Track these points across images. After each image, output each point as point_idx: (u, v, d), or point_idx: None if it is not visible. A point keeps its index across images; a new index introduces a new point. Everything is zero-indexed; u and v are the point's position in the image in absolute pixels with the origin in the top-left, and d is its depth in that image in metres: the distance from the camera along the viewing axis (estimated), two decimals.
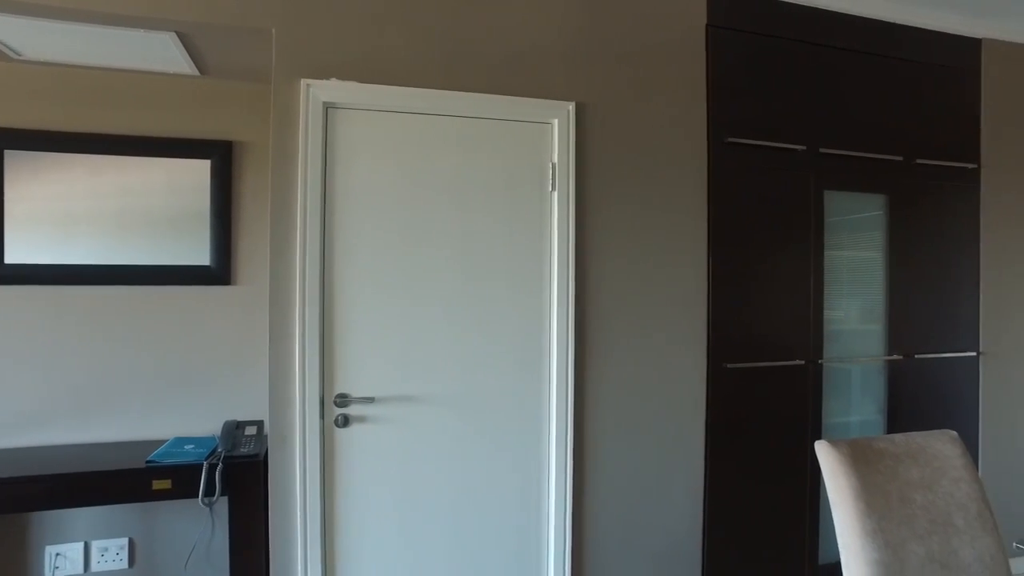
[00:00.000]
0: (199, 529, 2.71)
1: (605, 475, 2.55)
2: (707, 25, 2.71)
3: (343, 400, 2.24)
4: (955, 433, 1.79)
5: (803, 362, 2.87)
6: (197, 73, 2.63)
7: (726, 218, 2.74)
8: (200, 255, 2.70)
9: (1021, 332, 3.39)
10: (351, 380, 2.25)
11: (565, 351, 2.45)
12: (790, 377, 2.85)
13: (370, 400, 2.27)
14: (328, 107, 2.22)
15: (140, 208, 2.64)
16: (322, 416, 2.22)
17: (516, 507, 2.43)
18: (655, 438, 2.62)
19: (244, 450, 2.38)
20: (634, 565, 2.59)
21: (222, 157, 2.72)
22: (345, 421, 2.24)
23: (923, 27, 3.12)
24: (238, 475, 2.30)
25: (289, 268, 2.19)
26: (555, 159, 2.44)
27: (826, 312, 2.94)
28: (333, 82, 2.21)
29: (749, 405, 2.78)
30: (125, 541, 2.64)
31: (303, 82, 2.18)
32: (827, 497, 1.64)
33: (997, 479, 3.30)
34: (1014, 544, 3.32)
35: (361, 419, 2.26)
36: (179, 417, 2.71)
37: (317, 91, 2.18)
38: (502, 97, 2.38)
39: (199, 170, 2.70)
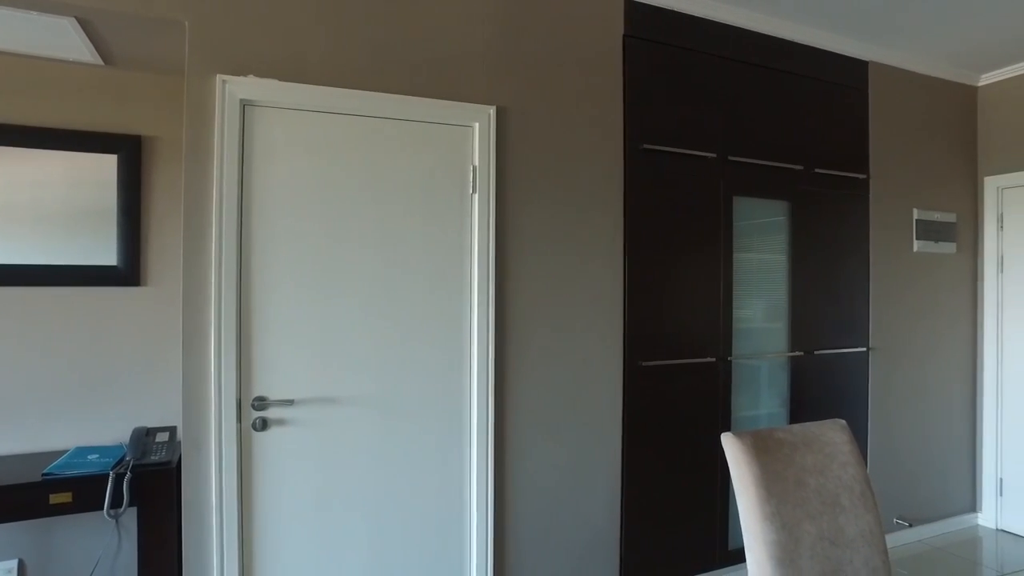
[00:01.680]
0: (103, 544, 2.57)
1: (526, 471, 2.61)
2: (625, 35, 2.82)
3: (261, 403, 2.20)
4: (844, 422, 1.94)
5: (714, 359, 3.03)
6: (101, 63, 2.51)
7: (642, 221, 2.86)
8: (106, 254, 2.57)
9: (904, 329, 3.70)
10: (270, 382, 2.21)
11: (486, 350, 2.49)
12: (702, 374, 3.01)
13: (289, 403, 2.23)
14: (245, 104, 2.17)
15: (39, 204, 2.49)
16: (239, 420, 2.17)
17: (438, 505, 2.45)
18: (574, 434, 2.70)
19: (155, 457, 2.29)
20: (555, 558, 2.66)
21: (130, 152, 2.60)
22: (263, 424, 2.20)
23: (820, 47, 3.36)
24: (148, 484, 2.21)
25: (204, 268, 2.13)
26: (476, 162, 2.48)
27: (735, 312, 3.11)
28: (251, 79, 2.16)
29: (664, 401, 2.91)
30: (14, 564, 2.46)
31: (219, 78, 2.12)
32: (737, 503, 1.76)
33: (882, 460, 3.59)
34: (895, 519, 3.62)
35: (280, 422, 2.22)
36: (82, 426, 2.56)
37: (234, 88, 2.13)
38: (424, 100, 2.40)
39: (105, 165, 2.57)
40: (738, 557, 3.09)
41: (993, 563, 3.41)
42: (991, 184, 3.97)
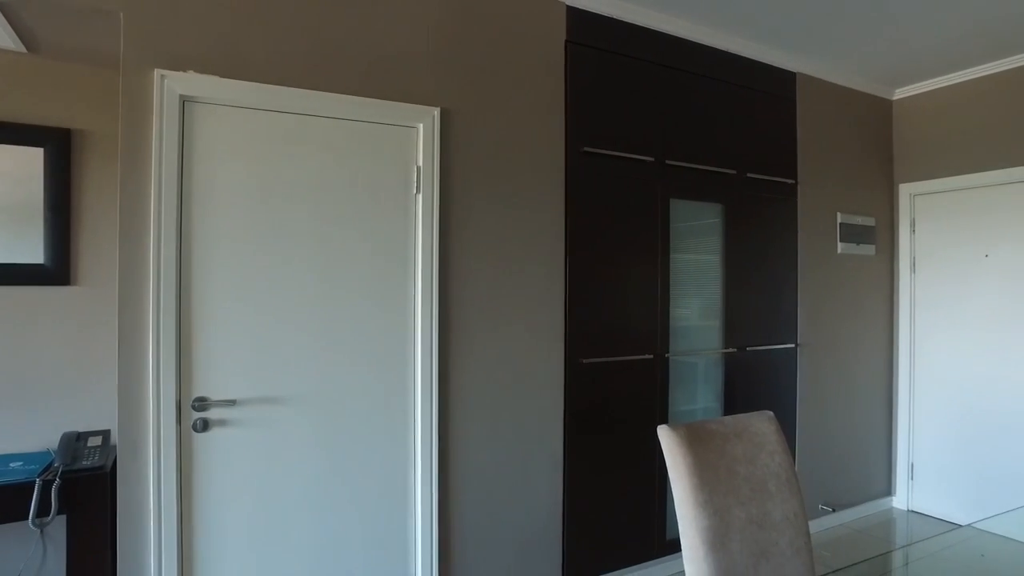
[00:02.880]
0: (25, 556, 2.46)
1: (471, 466, 2.65)
2: (567, 41, 2.89)
3: (202, 404, 2.16)
4: (771, 413, 2.06)
5: (652, 356, 3.15)
6: (23, 50, 2.40)
7: (582, 222, 2.94)
8: (32, 252, 2.47)
9: (829, 326, 3.92)
10: (211, 383, 2.17)
11: (430, 349, 2.52)
12: (640, 370, 3.11)
13: (231, 403, 2.20)
14: (185, 100, 2.13)
15: None
16: (179, 421, 2.12)
17: (383, 502, 2.46)
18: (518, 431, 2.76)
19: (86, 462, 2.22)
20: (500, 550, 2.71)
21: (58, 146, 2.50)
22: (204, 425, 2.16)
23: (752, 58, 3.52)
24: (79, 490, 2.14)
25: (141, 266, 2.07)
26: (420, 162, 2.51)
27: (672, 310, 3.24)
28: (191, 75, 2.12)
29: (604, 396, 3.00)
30: None
31: (157, 72, 2.07)
32: (672, 493, 1.85)
33: (809, 450, 3.80)
34: (820, 505, 3.84)
35: (222, 423, 2.19)
36: (5, 433, 2.45)
37: (173, 83, 2.09)
38: (369, 100, 2.41)
39: (30, 159, 2.47)
40: (675, 547, 3.21)
41: (903, 541, 3.67)
42: (905, 191, 4.25)
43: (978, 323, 3.88)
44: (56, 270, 2.50)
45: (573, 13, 2.90)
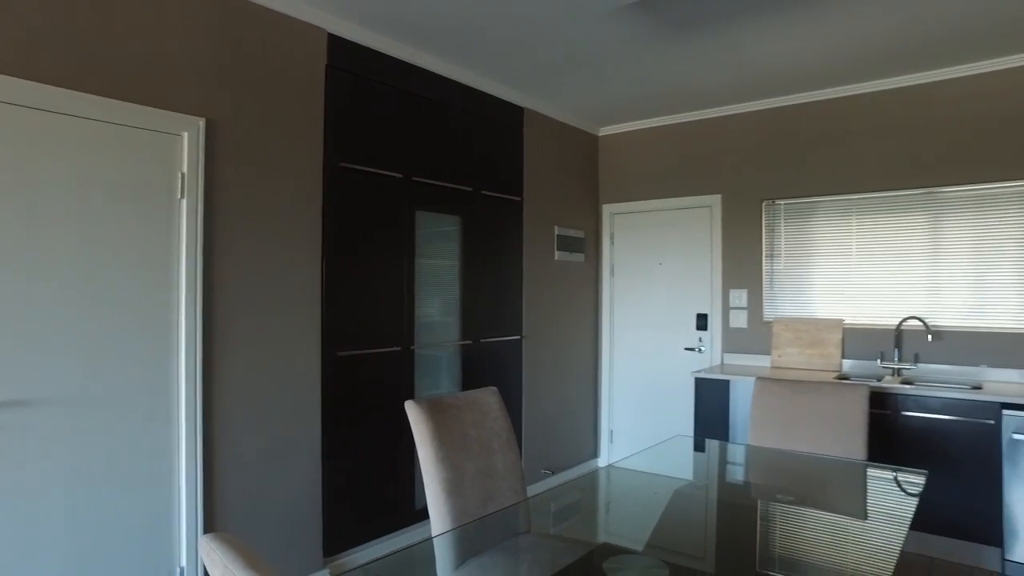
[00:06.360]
0: None
1: (235, 455, 2.79)
2: (327, 65, 3.17)
3: None
4: (495, 388, 2.60)
5: (399, 348, 3.56)
6: None
7: (339, 230, 3.24)
8: None
9: (547, 320, 4.72)
10: None
11: (194, 345, 2.62)
12: (390, 361, 3.51)
13: None
14: None
15: None
16: None
17: (146, 496, 2.49)
18: (281, 419, 2.97)
19: None
20: (264, 533, 2.89)
21: None
22: None
23: (489, 92, 4.14)
24: None
25: None
26: (184, 169, 2.60)
27: (417, 309, 3.69)
28: None
29: (359, 385, 3.34)
30: None
31: None
32: (418, 456, 2.27)
33: (533, 424, 4.55)
34: (541, 470, 4.62)
35: None
36: None
37: None
38: (131, 105, 2.43)
39: None
40: (423, 515, 3.67)
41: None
42: (607, 210, 5.28)
43: (654, 316, 5.01)
44: None
45: (334, 40, 3.19)
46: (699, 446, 3.00)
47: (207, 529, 2.68)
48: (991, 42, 3.40)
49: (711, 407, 4.07)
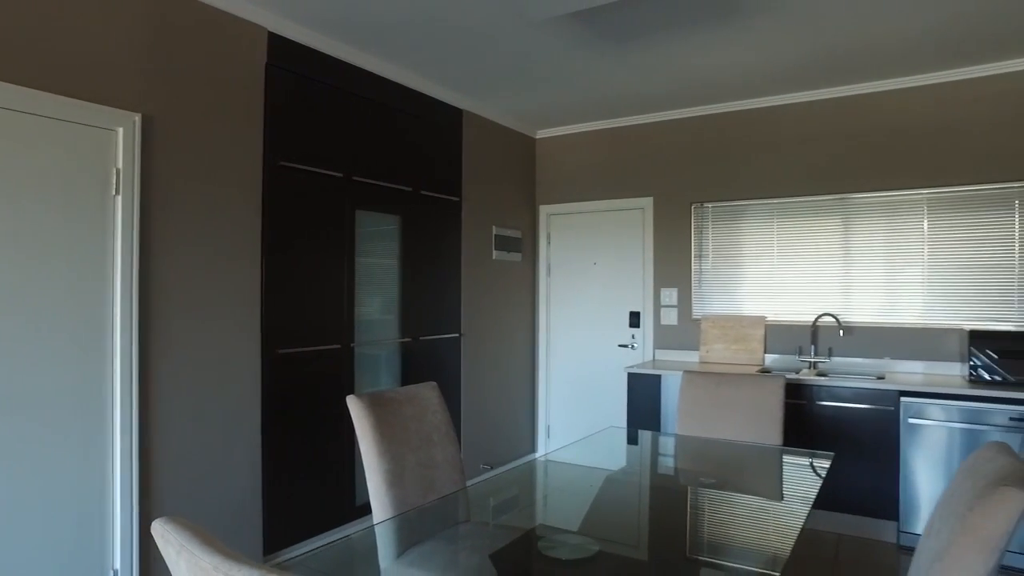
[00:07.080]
0: None
1: (172, 456, 2.76)
2: (267, 64, 3.17)
3: None
4: (435, 383, 2.68)
5: (340, 346, 3.59)
6: None
7: (279, 228, 3.25)
8: None
9: (486, 318, 4.82)
10: None
11: (130, 344, 2.59)
12: (330, 358, 3.53)
13: None
14: None
15: None
16: None
17: (79, 499, 2.45)
18: (218, 419, 2.95)
19: None
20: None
21: None
22: None
23: (428, 94, 4.20)
24: None
25: None
26: (120, 165, 2.56)
27: (357, 307, 3.72)
28: None
29: (299, 383, 3.35)
30: None
31: None
32: (360, 450, 2.33)
33: (472, 420, 4.64)
34: (481, 465, 4.72)
35: None
36: None
37: None
38: (62, 97, 2.38)
39: None
40: (363, 511, 3.70)
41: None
42: (543, 211, 5.42)
43: (589, 314, 5.18)
44: None
45: (274, 39, 3.19)
46: (631, 438, 3.17)
47: (143, 532, 2.65)
48: (897, 62, 3.71)
49: (643, 401, 4.27)
